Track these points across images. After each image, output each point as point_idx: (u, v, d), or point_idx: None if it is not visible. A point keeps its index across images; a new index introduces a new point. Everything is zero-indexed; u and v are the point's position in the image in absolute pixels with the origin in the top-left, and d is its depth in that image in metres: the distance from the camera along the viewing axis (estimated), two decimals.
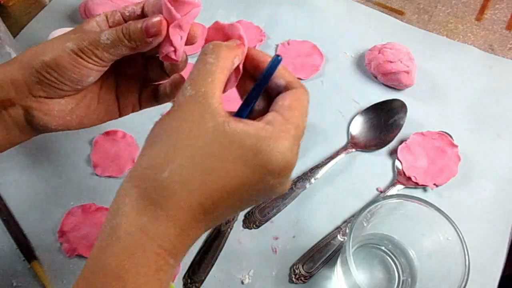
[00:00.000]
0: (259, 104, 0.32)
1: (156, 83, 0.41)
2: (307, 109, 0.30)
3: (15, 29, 0.61)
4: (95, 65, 0.33)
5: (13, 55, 0.53)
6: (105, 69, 0.35)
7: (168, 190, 0.26)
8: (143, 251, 0.25)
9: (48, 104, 0.34)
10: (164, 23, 0.33)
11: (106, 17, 0.36)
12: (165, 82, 0.40)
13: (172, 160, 0.26)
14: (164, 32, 0.33)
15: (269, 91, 0.32)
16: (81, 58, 0.33)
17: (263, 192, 0.28)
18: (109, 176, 0.51)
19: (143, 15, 0.35)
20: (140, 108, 0.41)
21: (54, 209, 0.49)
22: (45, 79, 0.33)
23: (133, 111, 0.41)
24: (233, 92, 0.60)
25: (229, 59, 0.29)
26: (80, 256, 0.46)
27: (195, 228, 0.27)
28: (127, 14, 0.36)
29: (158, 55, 0.35)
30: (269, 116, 0.28)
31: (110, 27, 0.35)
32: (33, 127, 0.35)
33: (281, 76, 0.31)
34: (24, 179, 0.51)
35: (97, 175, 0.51)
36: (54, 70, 0.33)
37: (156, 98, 0.41)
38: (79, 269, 0.45)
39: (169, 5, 0.32)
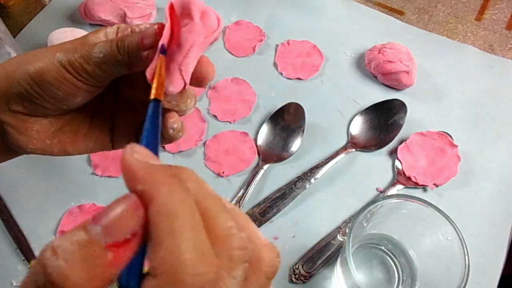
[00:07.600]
0: None
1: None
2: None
3: (15, 29, 0.61)
4: (84, 83, 0.28)
5: (13, 55, 0.53)
6: (97, 90, 0.29)
7: None
8: None
9: (26, 122, 0.29)
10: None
11: (118, 29, 0.30)
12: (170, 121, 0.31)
13: None
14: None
15: None
16: (69, 72, 0.27)
17: None
18: (109, 176, 0.51)
19: None
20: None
21: (54, 209, 0.49)
22: (26, 92, 0.28)
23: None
24: (233, 91, 0.60)
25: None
26: None
27: None
28: (137, 30, 0.29)
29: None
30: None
31: None
32: (7, 146, 0.30)
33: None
34: (24, 179, 0.51)
35: (97, 175, 0.51)
36: (37, 83, 0.27)
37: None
38: None
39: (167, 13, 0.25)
